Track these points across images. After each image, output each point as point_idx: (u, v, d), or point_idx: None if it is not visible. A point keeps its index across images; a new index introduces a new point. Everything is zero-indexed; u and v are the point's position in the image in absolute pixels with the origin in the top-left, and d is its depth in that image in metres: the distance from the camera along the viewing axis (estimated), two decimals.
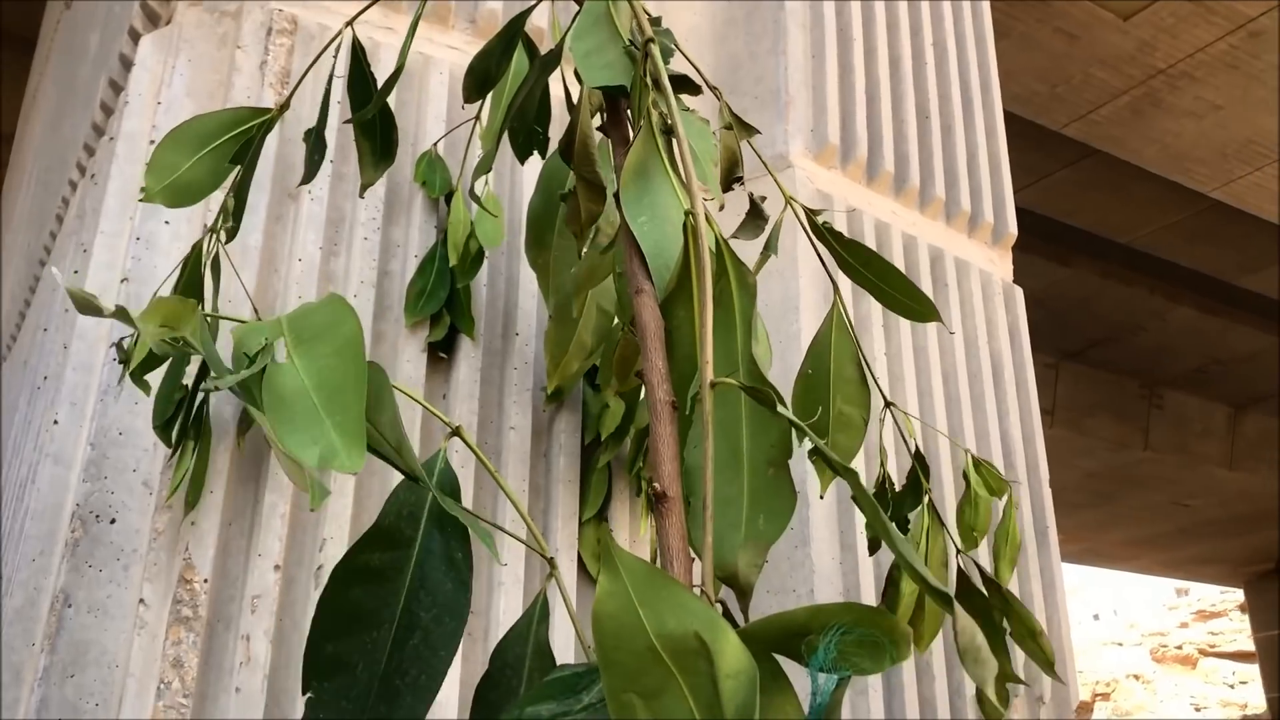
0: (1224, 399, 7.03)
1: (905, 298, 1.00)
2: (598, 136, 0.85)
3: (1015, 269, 1.87)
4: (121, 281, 1.21)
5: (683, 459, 0.68)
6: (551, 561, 0.70)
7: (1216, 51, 4.18)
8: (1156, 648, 17.87)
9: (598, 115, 0.86)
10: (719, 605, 0.62)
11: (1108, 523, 8.72)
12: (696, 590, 0.63)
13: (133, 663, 1.07)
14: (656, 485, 0.64)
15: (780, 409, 0.62)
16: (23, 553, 1.25)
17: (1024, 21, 3.96)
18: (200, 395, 1.13)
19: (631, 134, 0.77)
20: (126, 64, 1.43)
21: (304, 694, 0.65)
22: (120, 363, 1.12)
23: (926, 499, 1.22)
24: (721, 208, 0.86)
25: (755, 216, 0.88)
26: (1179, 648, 17.63)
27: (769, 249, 1.01)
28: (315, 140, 0.96)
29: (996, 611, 1.20)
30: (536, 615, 0.74)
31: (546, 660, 0.73)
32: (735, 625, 0.57)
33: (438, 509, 0.72)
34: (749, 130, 0.91)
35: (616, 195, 0.74)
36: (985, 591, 1.20)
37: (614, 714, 0.53)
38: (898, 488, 1.26)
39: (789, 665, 0.59)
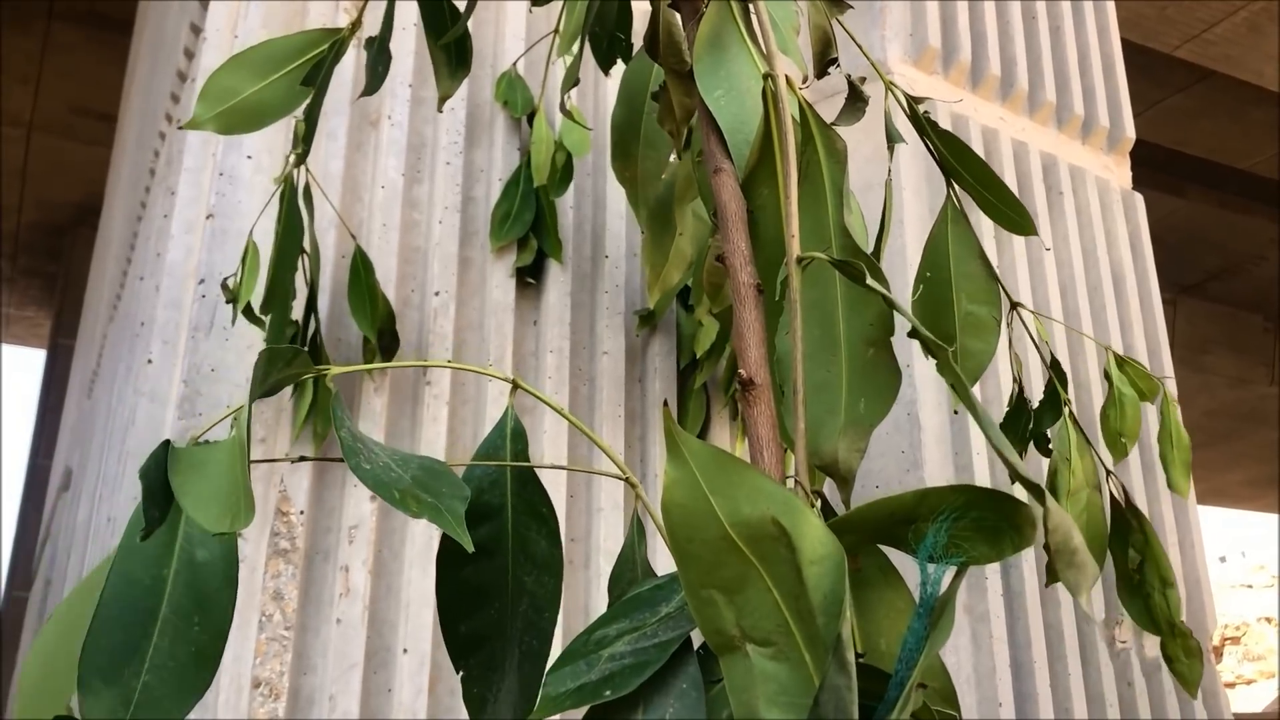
0: None
1: (1003, 204, 0.92)
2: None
3: None
4: (207, 218, 1.20)
5: (773, 347, 0.63)
6: (630, 481, 0.66)
7: None
8: None
9: None
10: (817, 497, 0.58)
11: (1229, 462, 8.37)
12: (790, 482, 0.58)
13: None
14: (743, 373, 0.60)
15: (871, 281, 0.56)
16: (125, 494, 1.26)
17: None
18: (313, 326, 1.11)
19: (704, 5, 0.71)
20: (205, 3, 1.41)
21: (457, 672, 0.66)
22: (228, 302, 1.11)
23: (1067, 410, 1.11)
24: (805, 80, 0.79)
25: (854, 99, 0.82)
26: None
27: (892, 139, 0.93)
28: (378, 50, 0.92)
29: (1134, 549, 1.09)
30: (634, 537, 0.70)
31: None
32: (834, 515, 0.53)
33: (515, 468, 0.69)
34: (839, 4, 0.84)
35: (690, 71, 0.69)
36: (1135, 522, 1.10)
37: (695, 611, 0.49)
38: (1033, 402, 1.16)
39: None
